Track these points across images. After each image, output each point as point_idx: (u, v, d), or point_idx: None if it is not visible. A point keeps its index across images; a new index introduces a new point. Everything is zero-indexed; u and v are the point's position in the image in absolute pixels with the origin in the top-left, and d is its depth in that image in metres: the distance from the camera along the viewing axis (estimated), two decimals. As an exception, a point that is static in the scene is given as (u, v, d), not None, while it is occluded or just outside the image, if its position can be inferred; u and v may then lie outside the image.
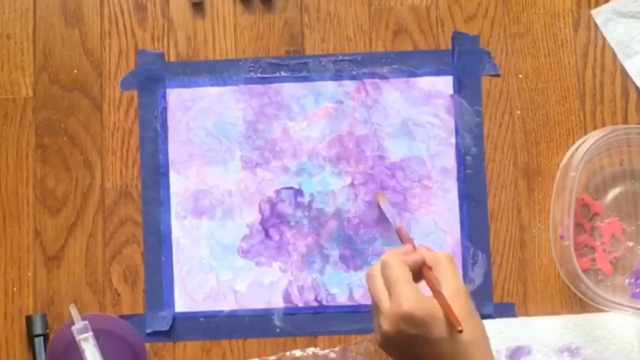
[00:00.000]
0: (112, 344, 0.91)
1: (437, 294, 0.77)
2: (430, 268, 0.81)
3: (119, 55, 0.97)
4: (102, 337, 0.90)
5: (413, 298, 0.76)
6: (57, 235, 0.95)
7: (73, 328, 0.89)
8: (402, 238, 0.88)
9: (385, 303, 0.77)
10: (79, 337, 0.89)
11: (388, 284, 0.78)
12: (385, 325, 0.77)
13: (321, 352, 0.92)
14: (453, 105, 0.96)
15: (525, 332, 0.91)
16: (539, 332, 0.91)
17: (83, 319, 0.90)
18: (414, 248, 0.84)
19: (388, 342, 0.78)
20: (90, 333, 0.89)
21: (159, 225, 0.95)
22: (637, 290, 0.93)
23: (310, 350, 0.92)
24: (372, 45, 0.97)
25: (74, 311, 0.90)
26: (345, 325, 0.93)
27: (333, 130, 0.96)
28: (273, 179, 0.95)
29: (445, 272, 0.79)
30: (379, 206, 0.93)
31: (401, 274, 0.78)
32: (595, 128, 0.95)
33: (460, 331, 0.74)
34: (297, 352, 0.92)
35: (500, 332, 0.91)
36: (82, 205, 0.95)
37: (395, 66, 0.96)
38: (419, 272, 0.81)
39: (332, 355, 0.92)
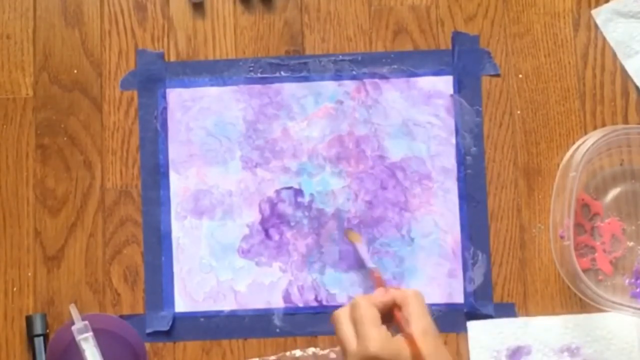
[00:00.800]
0: (112, 344, 0.91)
1: (405, 334, 0.78)
2: (400, 308, 0.81)
3: (119, 55, 0.97)
4: (102, 337, 0.90)
5: (380, 340, 0.76)
6: (57, 235, 0.95)
7: (73, 328, 0.89)
8: (375, 280, 0.88)
9: (352, 345, 0.78)
10: (79, 337, 0.89)
11: (356, 325, 0.78)
12: None
13: (321, 352, 0.92)
14: (453, 105, 0.96)
15: (525, 332, 0.91)
16: (539, 332, 0.91)
17: (83, 319, 0.90)
18: (385, 289, 0.83)
19: None
20: (90, 333, 0.89)
21: (159, 225, 0.95)
22: (637, 290, 0.93)
23: (311, 350, 0.92)
24: (372, 45, 0.97)
25: (74, 311, 0.90)
26: (345, 325, 0.93)
27: (333, 130, 0.96)
28: (273, 179, 0.95)
29: (413, 311, 0.80)
30: (351, 243, 0.93)
31: (369, 316, 0.78)
32: (595, 128, 0.95)
33: (416, 353, 0.76)
34: (297, 352, 0.92)
35: (501, 332, 0.91)
36: (82, 205, 0.95)
37: (396, 66, 0.96)
38: (390, 313, 0.81)
39: (332, 355, 0.92)
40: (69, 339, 0.90)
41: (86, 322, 0.89)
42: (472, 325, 0.92)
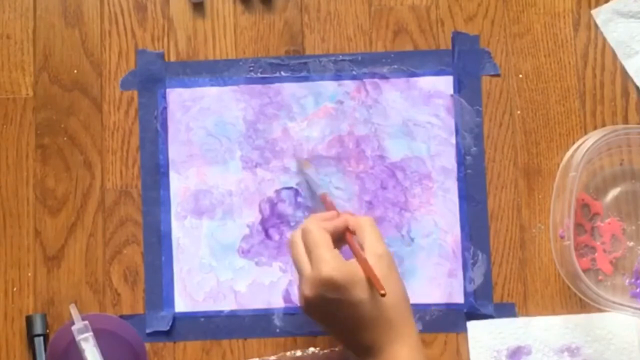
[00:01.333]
0: (112, 344, 0.91)
1: (359, 257, 0.79)
2: (353, 232, 0.82)
3: (119, 55, 0.97)
4: (102, 337, 0.90)
5: (332, 263, 0.77)
6: (57, 235, 0.95)
7: (73, 328, 0.89)
8: (326, 204, 0.89)
9: (306, 268, 0.79)
10: (79, 337, 0.89)
11: (308, 250, 0.80)
12: (307, 290, 0.79)
13: (321, 352, 0.92)
14: (453, 105, 0.96)
15: (526, 332, 0.91)
16: (539, 332, 0.91)
17: (83, 319, 0.90)
18: (337, 214, 0.85)
19: (310, 307, 0.80)
20: (90, 333, 0.89)
21: (159, 225, 0.95)
22: (637, 290, 0.93)
23: (310, 350, 0.92)
24: (372, 45, 0.97)
25: (74, 311, 0.90)
26: (345, 325, 0.93)
27: (333, 130, 0.96)
28: (273, 179, 0.95)
29: (368, 237, 0.81)
30: (303, 173, 0.94)
31: (320, 239, 0.79)
32: (595, 128, 0.95)
33: (384, 295, 0.76)
34: (298, 352, 0.92)
35: (501, 332, 0.91)
36: (82, 205, 0.95)
37: (396, 66, 0.96)
38: (342, 237, 0.82)
39: (332, 355, 0.92)
40: (69, 339, 0.90)
41: (86, 322, 0.89)
42: (472, 325, 0.92)
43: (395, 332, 0.78)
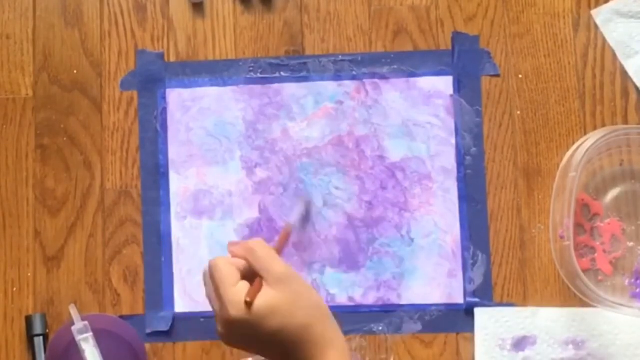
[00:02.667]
0: (112, 344, 0.91)
1: (253, 286, 0.75)
2: (247, 258, 0.77)
3: (119, 55, 0.97)
4: (102, 337, 0.90)
5: (237, 302, 0.73)
6: (57, 236, 0.95)
7: (73, 328, 0.89)
8: (280, 234, 0.86)
9: (216, 308, 0.76)
10: (79, 338, 0.89)
11: (215, 288, 0.75)
12: (220, 327, 0.76)
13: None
14: (453, 105, 0.96)
15: (532, 322, 0.91)
16: (545, 323, 0.91)
17: (83, 319, 0.90)
18: (278, 252, 0.80)
19: (227, 341, 0.76)
20: (90, 333, 0.89)
21: (159, 226, 0.95)
22: (637, 290, 0.93)
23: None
24: (372, 46, 0.97)
25: (73, 311, 0.90)
26: (344, 325, 0.92)
27: (333, 131, 0.96)
28: (273, 179, 0.95)
29: (261, 259, 0.76)
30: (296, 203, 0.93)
31: (225, 276, 0.75)
32: (595, 128, 0.95)
33: (248, 302, 0.72)
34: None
35: (507, 320, 0.91)
36: (82, 205, 0.95)
37: (395, 66, 0.96)
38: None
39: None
40: (69, 339, 0.90)
41: (86, 322, 0.89)
42: (480, 312, 0.92)
43: (321, 342, 0.74)
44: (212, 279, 0.75)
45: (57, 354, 0.91)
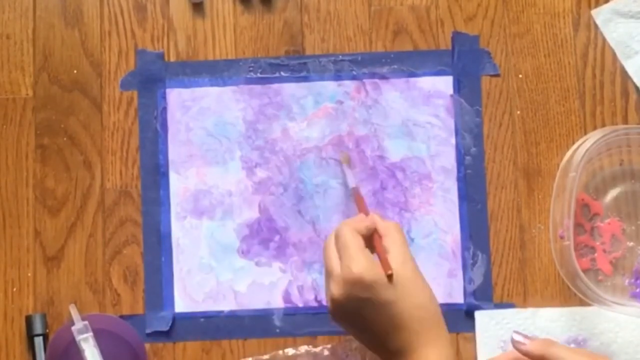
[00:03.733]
0: (112, 344, 0.91)
1: (384, 262, 0.79)
2: (380, 236, 0.83)
3: (119, 55, 0.97)
4: (101, 337, 0.90)
5: (363, 262, 0.78)
6: (57, 235, 0.95)
7: (73, 328, 0.89)
8: (356, 198, 0.89)
9: (336, 268, 0.80)
10: (79, 338, 0.89)
11: (340, 251, 0.80)
12: (335, 289, 0.79)
13: (313, 350, 0.92)
14: (453, 105, 0.96)
15: (533, 322, 0.91)
16: (545, 323, 0.91)
17: (83, 319, 0.90)
18: (367, 213, 0.85)
19: (338, 308, 0.80)
20: (90, 333, 0.89)
21: (159, 226, 0.95)
22: (637, 290, 0.93)
23: (303, 348, 0.92)
24: (372, 45, 0.97)
25: (73, 311, 0.90)
26: (345, 325, 0.93)
27: (333, 131, 0.96)
28: (273, 179, 0.95)
29: (394, 241, 0.81)
30: (341, 166, 0.94)
31: (352, 241, 0.80)
32: (595, 128, 0.95)
33: (390, 275, 0.77)
34: (290, 351, 0.92)
35: (508, 322, 0.91)
36: (82, 205, 0.95)
37: (395, 66, 0.96)
38: (371, 242, 0.83)
39: (326, 352, 0.92)
40: (69, 339, 0.90)
41: (86, 322, 0.89)
42: (480, 315, 0.92)
43: (424, 335, 0.78)
44: (338, 243, 0.81)
45: (57, 354, 0.91)
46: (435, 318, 0.80)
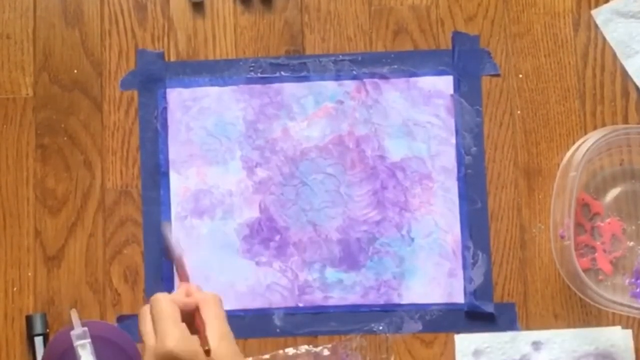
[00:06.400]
0: (108, 351, 0.90)
1: (202, 337, 0.77)
2: (198, 308, 0.79)
3: (119, 55, 0.97)
4: (98, 344, 0.88)
5: (177, 336, 0.75)
6: (57, 235, 0.95)
7: (72, 333, 0.88)
8: (180, 271, 0.85)
9: (150, 340, 0.76)
10: (77, 343, 0.87)
11: (155, 322, 0.77)
12: None
13: (314, 350, 0.92)
14: (453, 105, 0.96)
15: (512, 346, 0.91)
16: (525, 346, 0.91)
17: (82, 325, 0.89)
18: (186, 279, 0.82)
19: None
20: (89, 340, 0.87)
21: (159, 226, 0.95)
22: (637, 290, 0.93)
23: (304, 347, 0.92)
24: (372, 45, 0.97)
25: (74, 316, 0.89)
26: (345, 325, 0.93)
27: (333, 130, 0.96)
28: (273, 179, 0.95)
29: (211, 315, 0.78)
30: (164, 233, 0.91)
31: (168, 312, 0.76)
32: (595, 128, 0.95)
33: (207, 351, 0.75)
34: (290, 351, 0.92)
35: (488, 346, 0.91)
36: (82, 205, 0.95)
37: (396, 66, 0.96)
38: (191, 314, 0.79)
39: (326, 352, 0.92)
40: (67, 343, 0.89)
41: (85, 328, 0.88)
42: (460, 339, 0.92)
43: None
44: (152, 312, 0.77)
45: (54, 357, 0.90)
46: None
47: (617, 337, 0.91)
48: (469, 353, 0.91)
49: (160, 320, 0.76)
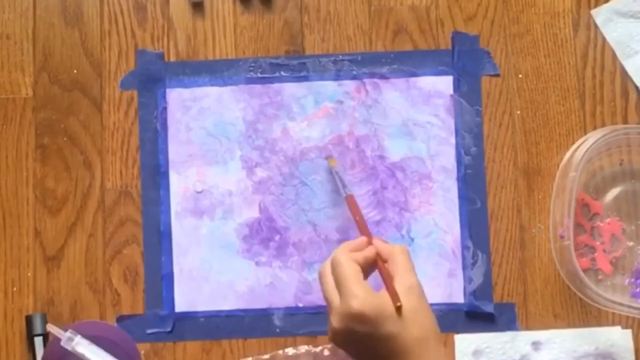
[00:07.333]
0: (108, 351, 0.89)
1: (390, 290, 0.77)
2: (385, 260, 0.79)
3: (119, 55, 0.97)
4: (97, 344, 0.88)
5: (362, 296, 0.75)
6: (57, 235, 0.95)
7: (62, 343, 0.87)
8: (351, 208, 0.86)
9: (335, 301, 0.77)
10: (72, 346, 0.87)
11: (338, 283, 0.77)
12: (336, 322, 0.76)
13: (313, 350, 0.92)
14: (453, 105, 0.96)
15: (512, 346, 0.91)
16: (525, 346, 0.91)
17: (76, 328, 0.88)
18: (369, 237, 0.82)
19: (339, 338, 0.77)
20: (79, 336, 0.87)
21: (158, 225, 0.95)
22: (637, 290, 0.93)
23: (304, 348, 0.92)
24: (372, 45, 0.97)
25: (53, 329, 0.87)
26: (345, 325, 0.93)
27: (333, 130, 0.96)
28: (273, 179, 0.95)
29: (399, 266, 0.78)
30: (330, 172, 0.92)
31: (350, 272, 0.77)
32: (595, 128, 0.95)
33: (399, 307, 0.75)
34: (290, 351, 0.92)
35: (488, 346, 0.91)
36: (82, 205, 0.95)
37: (395, 66, 0.96)
38: (373, 265, 0.80)
39: (326, 352, 0.92)
40: (61, 351, 0.88)
41: (69, 330, 0.87)
42: (460, 339, 0.92)
43: (427, 358, 0.76)
44: (335, 273, 0.77)
45: (53, 358, 0.90)
46: (437, 341, 0.77)
47: (617, 337, 0.91)
48: (469, 353, 0.91)
49: (344, 280, 0.77)
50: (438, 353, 0.77)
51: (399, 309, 0.75)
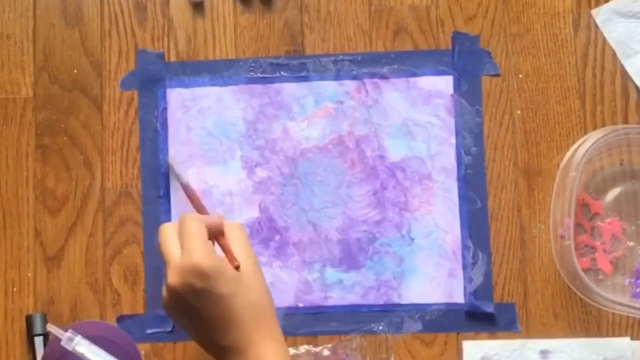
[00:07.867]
0: (108, 351, 0.89)
1: (229, 257, 0.80)
2: (224, 236, 0.82)
3: (119, 55, 0.97)
4: (97, 344, 0.88)
5: (204, 252, 0.77)
6: (57, 235, 0.95)
7: (62, 344, 0.87)
8: (193, 199, 0.90)
9: (174, 255, 0.78)
10: (72, 346, 0.87)
11: (182, 238, 0.79)
12: (172, 277, 0.77)
13: (313, 350, 0.92)
14: (453, 105, 0.96)
15: (520, 353, 0.91)
16: (534, 354, 0.91)
17: (77, 327, 0.88)
18: (204, 213, 0.87)
19: (173, 298, 0.78)
20: (79, 336, 0.87)
21: (159, 225, 0.94)
22: (638, 290, 0.93)
23: (304, 348, 0.92)
24: (372, 45, 0.97)
25: (53, 329, 0.87)
26: (345, 325, 0.93)
27: (333, 130, 0.96)
28: (273, 179, 0.95)
29: (236, 239, 0.82)
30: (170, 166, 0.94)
31: (197, 231, 0.78)
32: (595, 128, 0.95)
33: (237, 266, 0.78)
34: (290, 351, 0.92)
35: (496, 353, 0.91)
36: (82, 205, 0.95)
37: (396, 66, 0.96)
38: (216, 237, 0.83)
39: (326, 352, 0.92)
40: (62, 350, 0.88)
41: (69, 330, 0.87)
42: (468, 345, 0.91)
43: (260, 332, 0.78)
44: (181, 230, 0.79)
45: (53, 358, 0.90)
46: (271, 316, 0.79)
47: (626, 348, 0.91)
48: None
49: (189, 236, 0.78)
50: (273, 321, 0.79)
51: (237, 268, 0.78)
